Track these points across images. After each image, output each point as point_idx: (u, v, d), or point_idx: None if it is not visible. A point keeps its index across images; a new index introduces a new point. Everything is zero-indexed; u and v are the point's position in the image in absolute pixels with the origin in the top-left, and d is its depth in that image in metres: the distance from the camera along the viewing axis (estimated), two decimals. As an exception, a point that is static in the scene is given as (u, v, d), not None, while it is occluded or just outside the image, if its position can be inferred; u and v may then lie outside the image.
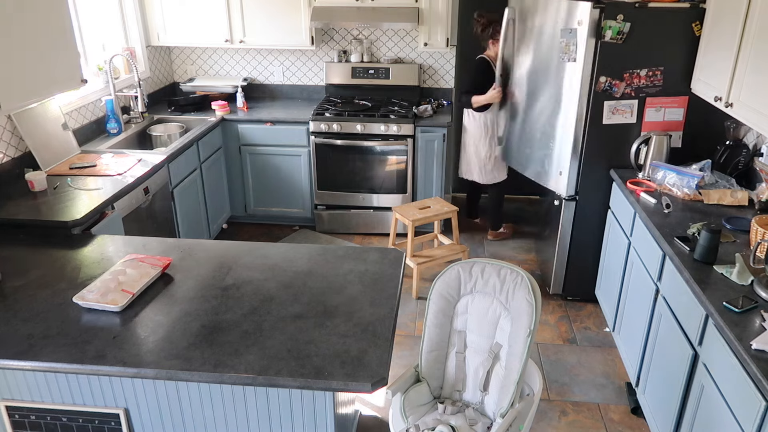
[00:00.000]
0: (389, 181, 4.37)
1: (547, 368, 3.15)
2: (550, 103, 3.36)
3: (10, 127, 3.04)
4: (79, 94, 3.61)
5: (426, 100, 4.64)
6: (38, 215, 2.62)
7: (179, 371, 1.66)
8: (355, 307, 1.95)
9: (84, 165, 3.17)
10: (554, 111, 3.33)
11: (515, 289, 2.12)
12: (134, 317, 1.90)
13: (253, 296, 2.01)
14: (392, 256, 2.29)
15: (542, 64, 3.39)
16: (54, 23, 2.78)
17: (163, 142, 4.02)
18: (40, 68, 2.70)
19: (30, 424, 2.05)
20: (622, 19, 2.96)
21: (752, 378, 1.71)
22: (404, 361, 3.18)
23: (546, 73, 3.36)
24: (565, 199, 3.43)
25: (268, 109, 4.50)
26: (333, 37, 4.70)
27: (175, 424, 2.03)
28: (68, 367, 1.70)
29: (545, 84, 3.38)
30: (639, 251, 2.82)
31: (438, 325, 2.27)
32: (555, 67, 3.27)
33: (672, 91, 3.11)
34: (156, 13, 4.36)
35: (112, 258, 2.27)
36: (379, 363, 1.68)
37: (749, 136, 3.00)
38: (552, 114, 3.36)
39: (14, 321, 1.87)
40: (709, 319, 2.02)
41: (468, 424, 2.14)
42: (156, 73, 4.67)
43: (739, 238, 2.43)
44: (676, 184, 2.86)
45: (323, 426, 1.94)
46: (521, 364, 2.05)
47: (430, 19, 4.21)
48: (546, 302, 3.72)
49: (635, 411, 2.82)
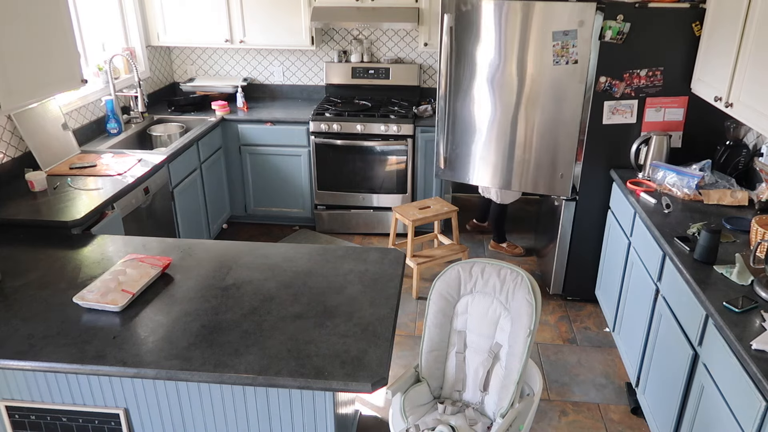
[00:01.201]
0: (389, 181, 4.37)
1: (547, 368, 3.15)
2: (546, 107, 3.31)
3: (10, 127, 3.04)
4: (79, 94, 3.61)
5: (426, 100, 4.64)
6: (38, 215, 2.62)
7: (179, 371, 1.66)
8: (355, 307, 1.96)
9: (84, 165, 3.17)
10: (552, 114, 3.31)
11: (515, 289, 2.12)
12: (134, 317, 1.90)
13: (253, 296, 2.01)
14: (392, 256, 2.29)
15: (534, 69, 3.27)
16: (54, 23, 2.78)
17: (163, 142, 4.03)
18: (40, 68, 2.70)
19: (30, 424, 2.05)
20: (622, 19, 2.96)
21: (752, 378, 1.71)
22: (404, 361, 3.18)
23: (540, 77, 3.28)
24: (565, 199, 3.43)
25: (268, 109, 4.50)
26: (333, 37, 4.70)
27: (175, 424, 2.03)
28: (68, 367, 1.70)
29: (539, 89, 3.30)
30: (639, 251, 2.82)
31: (438, 325, 2.27)
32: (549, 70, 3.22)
33: (672, 91, 3.11)
34: (156, 13, 4.36)
35: (112, 258, 2.27)
36: (379, 363, 1.68)
37: (749, 136, 3.00)
38: (549, 117, 3.33)
39: (14, 321, 1.87)
40: (709, 319, 2.02)
41: (468, 424, 2.14)
42: (156, 73, 4.67)
43: (739, 238, 2.43)
44: (676, 184, 2.86)
45: (323, 426, 1.94)
46: (521, 364, 2.05)
47: (430, 19, 4.21)
48: (546, 302, 3.72)
49: (635, 411, 2.83)
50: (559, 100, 3.26)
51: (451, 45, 3.42)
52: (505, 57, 3.34)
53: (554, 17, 3.12)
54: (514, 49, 3.29)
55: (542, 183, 3.50)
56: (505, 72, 3.37)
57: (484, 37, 3.35)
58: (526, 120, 3.41)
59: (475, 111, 3.54)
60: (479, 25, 3.33)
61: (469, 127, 3.59)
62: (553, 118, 3.32)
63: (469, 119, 3.57)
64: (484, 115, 3.52)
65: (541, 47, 3.19)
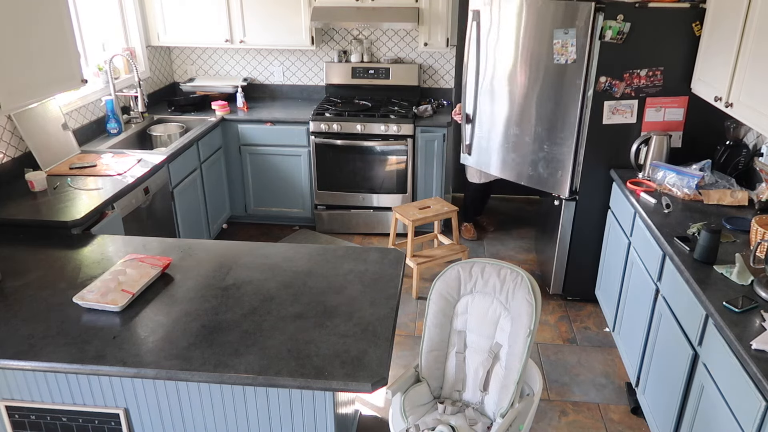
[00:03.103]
0: (389, 181, 4.37)
1: (547, 368, 3.15)
2: (547, 105, 3.34)
3: (10, 127, 3.04)
4: (79, 94, 3.62)
5: (426, 100, 4.64)
6: (38, 215, 2.62)
7: (179, 371, 1.66)
8: (355, 307, 1.96)
9: (84, 165, 3.17)
10: (553, 112, 3.32)
11: (515, 289, 2.12)
12: (134, 317, 1.90)
13: (253, 296, 2.01)
14: (392, 256, 2.29)
15: (534, 66, 3.33)
16: (54, 23, 2.78)
17: (163, 142, 4.03)
18: (40, 68, 2.70)
19: (30, 424, 2.05)
20: (622, 19, 2.96)
21: (752, 378, 1.71)
22: (404, 361, 3.18)
23: (540, 75, 3.32)
24: (565, 199, 3.43)
25: (268, 109, 4.50)
26: (333, 37, 4.70)
27: (175, 424, 2.03)
28: (68, 367, 1.70)
29: (538, 86, 3.34)
30: (639, 251, 2.82)
31: (438, 325, 2.27)
32: (551, 68, 3.24)
33: (672, 91, 3.11)
34: (156, 13, 4.36)
35: (112, 258, 2.27)
36: (379, 363, 1.69)
37: (749, 136, 3.00)
38: (550, 116, 3.34)
39: (14, 321, 1.87)
40: (709, 319, 2.02)
41: (468, 424, 2.14)
42: (156, 73, 4.67)
43: (739, 238, 2.43)
44: (676, 184, 2.86)
45: (323, 426, 1.94)
46: (521, 364, 2.05)
47: (430, 19, 4.21)
48: (546, 302, 3.72)
49: (635, 411, 2.83)
50: (558, 98, 3.27)
51: (478, 38, 3.54)
52: (518, 53, 3.41)
53: (554, 15, 3.14)
54: (527, 46, 3.35)
55: (542, 180, 3.52)
56: (516, 67, 3.45)
57: (503, 33, 3.45)
58: (528, 116, 3.46)
59: (492, 104, 3.66)
60: (499, 20, 3.44)
61: (488, 118, 3.73)
62: (552, 117, 3.33)
63: (487, 111, 3.72)
64: (498, 109, 3.64)
65: (547, 45, 3.23)
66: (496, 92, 3.61)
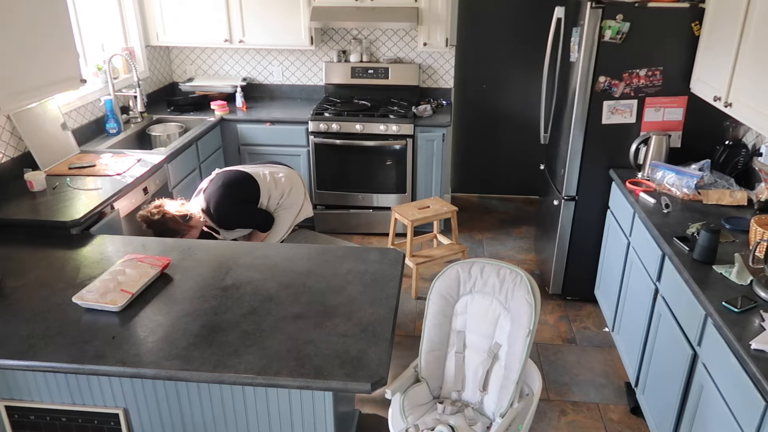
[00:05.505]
0: (389, 181, 4.37)
1: (546, 368, 3.15)
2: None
3: (9, 127, 3.03)
4: (78, 94, 3.61)
5: (425, 100, 4.64)
6: (37, 215, 2.62)
7: (179, 371, 1.66)
8: (355, 307, 1.95)
9: (83, 165, 3.17)
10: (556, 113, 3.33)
11: (514, 289, 2.12)
12: (133, 317, 1.90)
13: (252, 296, 2.01)
14: (392, 256, 2.29)
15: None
16: (53, 23, 2.78)
17: (162, 142, 4.02)
18: (39, 68, 2.69)
19: (30, 424, 2.05)
20: (622, 19, 2.96)
21: (752, 378, 1.71)
22: (404, 361, 3.17)
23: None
24: (565, 199, 3.43)
25: (268, 109, 4.49)
26: (332, 37, 4.70)
27: (174, 424, 2.03)
28: (68, 367, 1.70)
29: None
30: (638, 251, 2.82)
31: (437, 325, 2.27)
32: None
33: (671, 91, 3.11)
34: (155, 13, 4.36)
35: (111, 258, 2.27)
36: (378, 363, 1.69)
37: (748, 135, 3.00)
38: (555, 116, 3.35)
39: (14, 321, 1.87)
40: (708, 319, 2.02)
41: (467, 423, 2.14)
42: (155, 73, 4.66)
43: (738, 238, 2.43)
44: (676, 184, 2.86)
45: (323, 426, 1.94)
46: (521, 364, 2.05)
47: (429, 19, 4.21)
48: (545, 302, 3.72)
49: (635, 411, 2.83)
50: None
51: (558, 34, 3.58)
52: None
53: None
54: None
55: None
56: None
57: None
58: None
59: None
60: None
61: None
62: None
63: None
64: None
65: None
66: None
